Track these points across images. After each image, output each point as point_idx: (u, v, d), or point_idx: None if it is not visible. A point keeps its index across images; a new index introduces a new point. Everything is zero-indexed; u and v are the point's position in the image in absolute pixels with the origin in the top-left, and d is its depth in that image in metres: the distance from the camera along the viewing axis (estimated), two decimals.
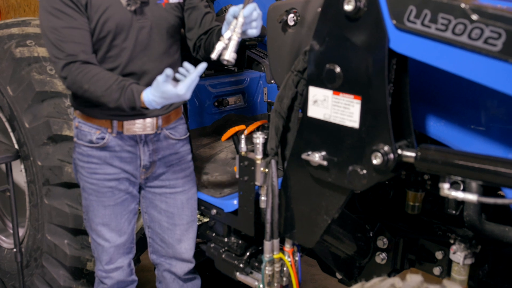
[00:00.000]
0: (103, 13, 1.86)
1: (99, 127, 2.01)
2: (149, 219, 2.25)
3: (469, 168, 1.37)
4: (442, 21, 1.31)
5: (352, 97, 1.54)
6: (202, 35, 2.06)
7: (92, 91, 1.82)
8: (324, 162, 1.65)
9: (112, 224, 2.11)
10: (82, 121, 2.03)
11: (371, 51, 1.46)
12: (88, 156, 2.04)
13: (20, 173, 2.75)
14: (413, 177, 1.91)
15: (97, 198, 2.08)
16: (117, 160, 2.04)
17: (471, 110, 1.61)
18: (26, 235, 2.79)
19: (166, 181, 2.16)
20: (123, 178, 2.07)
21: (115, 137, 2.01)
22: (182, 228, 2.20)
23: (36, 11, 8.43)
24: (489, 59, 1.25)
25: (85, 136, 2.03)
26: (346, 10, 1.47)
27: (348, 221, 2.08)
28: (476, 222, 1.69)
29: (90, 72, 1.82)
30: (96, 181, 2.05)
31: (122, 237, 2.15)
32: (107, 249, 2.14)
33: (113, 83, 1.80)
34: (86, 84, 1.82)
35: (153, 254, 2.31)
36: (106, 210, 2.09)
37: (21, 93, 2.55)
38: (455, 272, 1.90)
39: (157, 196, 2.19)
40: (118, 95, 1.80)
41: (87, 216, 2.15)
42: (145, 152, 2.06)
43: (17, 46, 2.64)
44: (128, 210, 2.14)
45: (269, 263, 1.96)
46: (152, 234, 2.27)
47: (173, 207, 2.18)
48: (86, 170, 2.06)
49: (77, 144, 2.07)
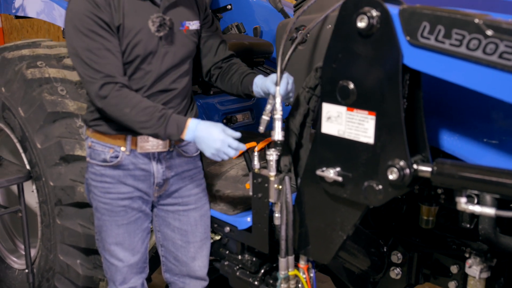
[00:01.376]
0: (134, 38, 1.89)
1: (112, 145, 2.02)
2: (162, 238, 2.25)
3: (486, 182, 1.38)
4: (456, 37, 1.32)
5: (366, 113, 1.55)
6: (216, 63, 2.17)
7: (133, 115, 1.84)
8: (339, 178, 1.65)
9: (125, 243, 2.11)
10: (96, 140, 2.04)
11: (385, 67, 1.48)
12: (102, 176, 2.05)
13: (31, 193, 2.76)
14: (426, 191, 1.91)
15: (110, 218, 2.08)
16: (130, 178, 2.05)
17: (484, 124, 1.62)
18: (38, 256, 2.79)
19: (179, 199, 2.17)
20: (136, 197, 2.08)
21: (129, 155, 2.02)
22: (196, 245, 2.20)
23: (39, 32, 8.51)
24: (504, 74, 1.26)
25: (98, 155, 2.04)
26: (359, 27, 1.48)
27: (361, 236, 2.08)
28: (491, 236, 1.69)
29: (135, 98, 1.85)
30: (110, 200, 2.06)
31: (136, 256, 2.15)
32: (120, 269, 2.13)
33: (154, 110, 1.84)
34: (127, 108, 1.83)
35: (167, 273, 2.30)
36: (119, 229, 2.09)
37: (32, 114, 2.57)
38: (471, 286, 1.89)
39: (170, 214, 2.19)
40: (161, 123, 1.84)
41: (100, 236, 2.15)
42: (158, 169, 2.07)
43: (28, 68, 2.67)
44: (141, 228, 2.14)
45: (285, 280, 1.96)
46: (165, 253, 2.27)
47: (186, 224, 2.18)
48: (99, 190, 2.07)
49: (90, 164, 2.08)
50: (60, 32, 7.99)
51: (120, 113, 1.85)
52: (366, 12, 1.46)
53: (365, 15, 1.46)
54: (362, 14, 1.47)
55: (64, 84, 2.63)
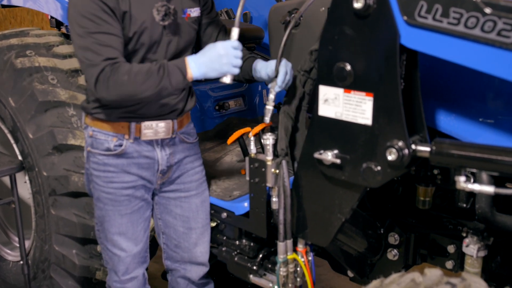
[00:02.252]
0: (140, 26, 1.87)
1: (115, 134, 1.99)
2: (163, 225, 2.24)
3: (485, 160, 1.38)
4: (454, 15, 1.32)
5: (364, 95, 1.55)
6: None
7: (132, 80, 1.76)
8: (337, 160, 1.65)
9: (129, 233, 2.10)
10: (97, 129, 2.01)
11: (382, 48, 1.47)
12: (105, 165, 2.02)
13: (24, 184, 2.73)
14: (423, 172, 1.92)
15: (113, 208, 2.06)
16: (134, 167, 2.03)
17: (480, 103, 1.63)
18: (33, 247, 2.77)
19: (181, 185, 2.16)
20: (139, 186, 2.06)
21: (133, 143, 2.00)
22: (198, 231, 2.20)
23: (23, 23, 8.41)
24: (503, 51, 1.26)
25: (101, 144, 2.01)
26: (355, 7, 1.48)
27: (358, 218, 2.09)
28: (488, 214, 1.70)
29: (127, 65, 1.80)
30: (113, 190, 2.03)
31: (138, 246, 2.14)
32: (123, 259, 2.12)
33: (151, 66, 1.80)
34: (124, 76, 1.76)
35: (168, 260, 2.30)
36: (123, 218, 2.07)
37: (23, 103, 2.54)
38: (469, 265, 1.91)
39: (172, 201, 2.18)
40: (161, 74, 1.77)
41: (102, 226, 2.13)
42: (163, 156, 2.06)
43: (17, 57, 2.63)
44: (144, 217, 2.13)
45: (283, 264, 1.97)
46: (166, 240, 2.26)
47: (188, 211, 2.18)
48: (102, 180, 2.04)
49: (91, 153, 2.05)
50: (45, 23, 7.89)
51: (119, 85, 1.77)
52: None
53: None
54: None
55: (55, 73, 2.60)
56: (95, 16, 1.79)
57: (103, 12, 1.79)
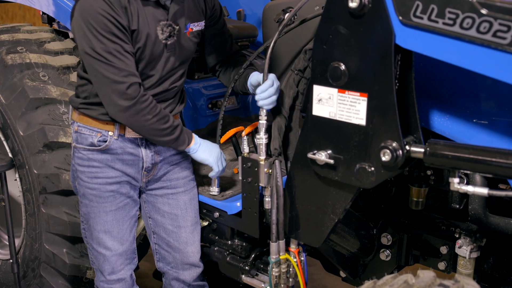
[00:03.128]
0: (144, 42, 1.86)
1: (100, 130, 1.99)
2: (153, 224, 2.22)
3: (479, 162, 1.37)
4: (450, 16, 1.31)
5: (358, 95, 1.54)
6: (222, 60, 2.23)
7: (153, 122, 1.87)
8: (330, 160, 1.64)
9: (114, 231, 2.08)
10: (82, 124, 2.01)
11: (377, 47, 1.46)
12: (89, 160, 2.01)
13: (14, 182, 2.70)
14: (416, 173, 1.91)
15: (98, 204, 2.05)
16: (119, 162, 2.02)
17: (475, 104, 1.62)
18: (23, 245, 2.75)
19: (168, 182, 2.15)
20: (124, 182, 2.05)
21: (117, 140, 1.99)
22: (188, 230, 2.18)
23: (14, 18, 8.35)
24: (499, 52, 1.25)
25: (85, 139, 2.00)
26: (350, 7, 1.46)
27: (351, 218, 2.08)
28: (481, 216, 1.70)
29: (156, 106, 1.88)
30: (98, 185, 2.02)
31: (124, 245, 2.12)
32: (108, 258, 2.11)
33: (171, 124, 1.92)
34: (150, 115, 1.86)
35: (160, 262, 2.28)
36: (108, 216, 2.06)
37: (14, 100, 2.51)
38: (461, 266, 1.91)
39: (159, 199, 2.17)
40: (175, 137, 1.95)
41: (88, 224, 2.12)
42: (147, 154, 2.05)
43: (8, 53, 2.60)
44: (129, 215, 2.11)
45: (276, 264, 1.96)
46: (157, 240, 2.25)
47: (176, 208, 2.16)
48: (86, 175, 2.03)
49: (76, 149, 2.04)
50: (37, 18, 7.84)
51: (142, 118, 1.86)
52: None
53: None
54: None
55: (46, 70, 2.57)
56: (111, 33, 1.76)
57: (118, 29, 1.77)
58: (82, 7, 1.78)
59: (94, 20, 1.75)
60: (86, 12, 1.76)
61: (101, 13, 1.74)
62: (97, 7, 1.75)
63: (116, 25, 1.76)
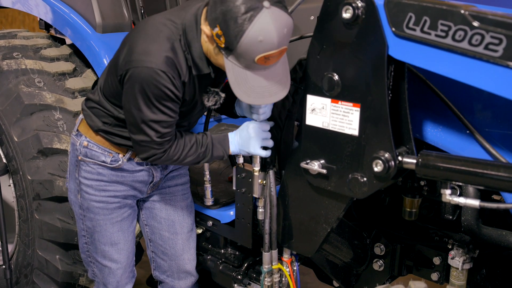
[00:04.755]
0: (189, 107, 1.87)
1: (111, 151, 1.97)
2: (150, 232, 2.22)
3: (471, 174, 1.38)
4: (442, 28, 1.31)
5: (351, 105, 1.54)
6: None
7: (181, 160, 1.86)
8: (323, 170, 1.64)
9: (120, 243, 2.08)
10: (94, 142, 1.97)
11: (370, 58, 1.47)
12: (98, 174, 1.99)
13: (7, 188, 2.70)
14: (409, 183, 1.91)
15: (104, 216, 2.03)
16: (129, 178, 2.01)
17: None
18: (16, 251, 2.74)
19: (167, 188, 2.16)
20: (130, 195, 2.05)
21: (127, 162, 1.99)
22: (184, 237, 2.18)
23: (14, 23, 8.35)
24: (490, 65, 1.26)
25: (97, 157, 1.97)
26: (344, 18, 1.47)
27: (345, 228, 2.08)
28: (474, 227, 1.70)
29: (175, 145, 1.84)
30: (105, 198, 2.01)
31: (129, 258, 2.13)
32: (114, 271, 2.09)
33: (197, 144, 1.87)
34: (175, 156, 1.84)
35: (156, 271, 2.27)
36: (114, 227, 2.05)
37: (9, 106, 2.51)
38: (454, 277, 1.91)
39: (157, 204, 2.16)
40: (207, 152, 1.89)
41: (91, 238, 2.09)
42: (156, 170, 2.05)
43: (4, 59, 2.60)
44: (132, 227, 2.12)
45: (268, 274, 1.95)
46: (154, 248, 2.24)
47: (173, 214, 2.16)
48: (94, 188, 2.00)
49: (84, 162, 1.99)
50: (35, 24, 7.83)
51: (168, 162, 1.86)
52: (352, 2, 1.45)
53: (350, 6, 1.45)
54: (347, 4, 1.46)
55: (42, 76, 2.57)
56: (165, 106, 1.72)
57: (172, 102, 1.73)
58: (140, 75, 1.68)
59: (151, 92, 1.68)
60: (144, 81, 1.67)
61: (159, 88, 1.67)
62: (157, 81, 1.66)
63: (172, 98, 1.72)
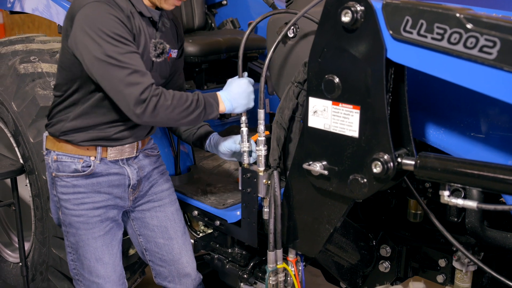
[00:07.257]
0: (140, 52, 1.85)
1: (81, 156, 1.97)
2: (144, 241, 2.22)
3: (468, 175, 1.38)
4: (438, 31, 1.33)
5: (351, 107, 1.56)
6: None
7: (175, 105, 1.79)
8: (325, 171, 1.66)
9: (105, 257, 2.06)
10: (61, 152, 1.98)
11: (369, 61, 1.48)
12: (74, 187, 1.99)
13: (25, 187, 2.77)
14: (414, 185, 1.92)
15: (86, 231, 2.02)
16: (105, 184, 2.01)
17: (469, 118, 1.63)
18: (32, 249, 2.81)
19: (153, 195, 2.16)
20: (111, 206, 2.04)
21: (100, 163, 1.98)
22: (179, 241, 2.19)
23: (40, 28, 8.50)
24: (485, 67, 1.27)
25: (68, 167, 1.98)
26: (343, 21, 1.49)
27: (351, 230, 2.09)
28: (478, 229, 1.70)
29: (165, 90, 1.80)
30: (84, 211, 2.00)
31: (117, 272, 2.10)
32: (102, 286, 2.07)
33: (188, 96, 1.84)
34: (168, 100, 1.77)
35: (157, 278, 2.28)
36: (97, 242, 2.04)
37: (25, 108, 2.58)
38: (459, 280, 1.91)
39: (147, 213, 2.17)
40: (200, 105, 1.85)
41: (77, 254, 2.07)
42: (132, 171, 2.06)
43: (21, 62, 2.68)
44: (117, 240, 2.10)
45: (273, 273, 1.97)
46: (151, 257, 2.24)
47: (165, 220, 2.18)
48: (71, 202, 2.00)
49: (58, 177, 2.00)
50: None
51: (164, 109, 1.77)
52: (351, 6, 1.47)
53: (350, 10, 1.47)
54: (346, 8, 1.48)
55: None
56: (122, 37, 1.74)
57: (128, 34, 1.76)
58: (87, 15, 1.75)
59: (104, 25, 1.72)
60: (93, 19, 1.73)
61: (110, 18, 1.73)
62: (106, 13, 1.73)
63: (125, 28, 1.76)
